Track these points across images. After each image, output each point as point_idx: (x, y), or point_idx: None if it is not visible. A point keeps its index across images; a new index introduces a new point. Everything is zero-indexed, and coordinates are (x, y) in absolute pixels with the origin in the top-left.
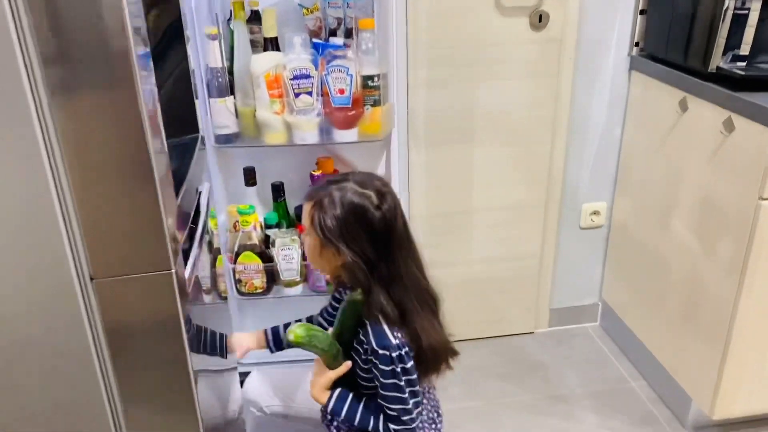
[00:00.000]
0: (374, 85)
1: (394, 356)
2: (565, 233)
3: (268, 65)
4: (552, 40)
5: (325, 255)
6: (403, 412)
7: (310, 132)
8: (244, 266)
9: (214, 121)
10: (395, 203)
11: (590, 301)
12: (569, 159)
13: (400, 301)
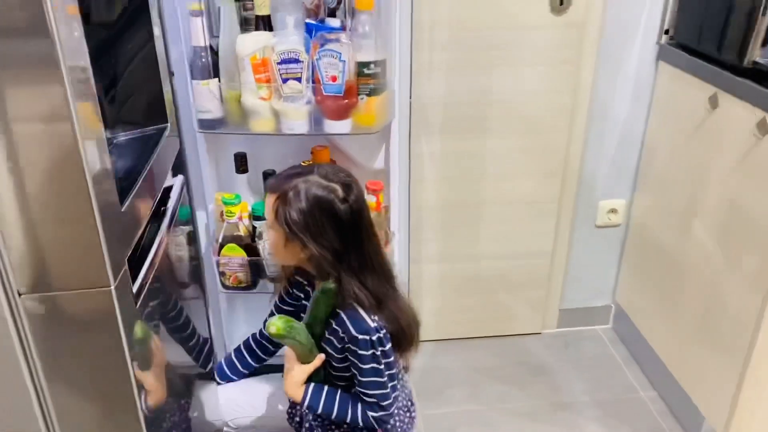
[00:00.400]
0: (370, 72)
1: (374, 339)
2: (579, 231)
3: (255, 47)
4: (573, 24)
5: (289, 248)
6: (382, 397)
7: (299, 121)
8: (228, 259)
9: (197, 105)
10: (361, 194)
11: (603, 302)
12: (587, 153)
13: (373, 287)
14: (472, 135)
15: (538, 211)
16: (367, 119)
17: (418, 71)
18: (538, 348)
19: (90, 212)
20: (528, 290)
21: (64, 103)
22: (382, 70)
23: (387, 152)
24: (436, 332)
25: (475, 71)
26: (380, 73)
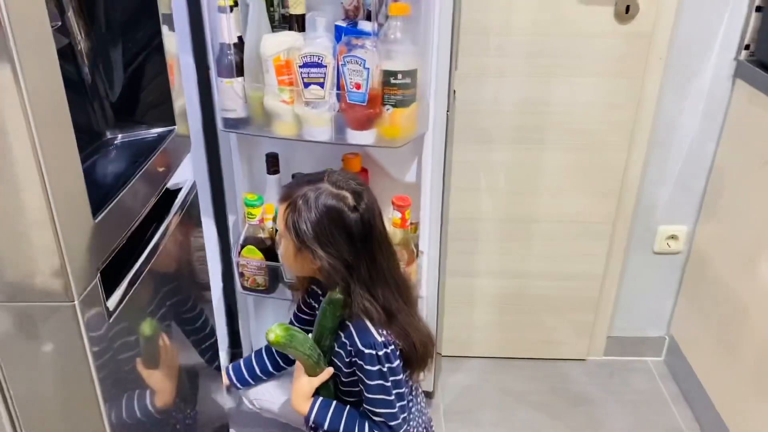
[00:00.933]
0: (398, 82)
1: (380, 355)
2: (634, 256)
3: (279, 47)
4: (640, 34)
5: (300, 258)
6: (390, 417)
7: (321, 128)
8: (246, 260)
9: (222, 103)
10: (373, 203)
11: (656, 333)
12: (648, 173)
13: (384, 301)
14: (524, 146)
15: (591, 232)
16: (392, 132)
17: (467, 76)
18: (580, 375)
19: (48, 223)
20: (574, 313)
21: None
22: (411, 81)
23: (419, 165)
24: (471, 349)
25: (529, 79)
26: (409, 84)
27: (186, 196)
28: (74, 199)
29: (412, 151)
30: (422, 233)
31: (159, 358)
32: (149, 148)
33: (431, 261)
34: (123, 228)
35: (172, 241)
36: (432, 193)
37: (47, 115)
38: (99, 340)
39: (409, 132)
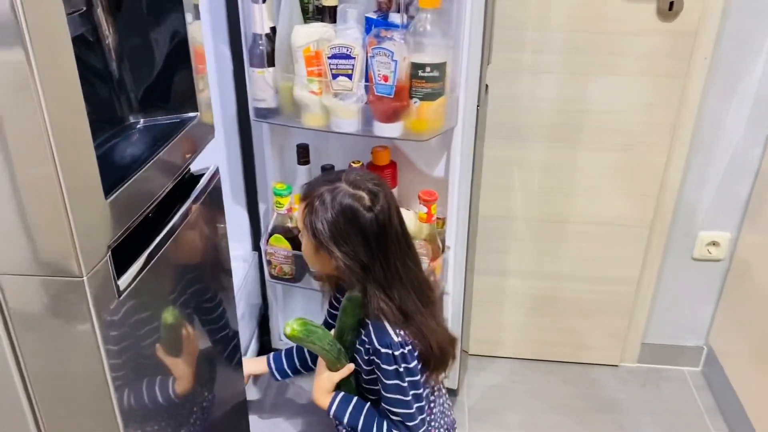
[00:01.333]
0: (426, 75)
1: (396, 355)
2: (672, 261)
3: (309, 38)
4: (684, 33)
5: (318, 257)
6: (407, 417)
7: (348, 119)
8: (274, 249)
9: (253, 93)
10: (389, 203)
11: (694, 342)
12: (688, 176)
13: (400, 302)
14: (560, 145)
15: (627, 235)
16: (418, 125)
17: (502, 71)
18: (611, 381)
19: (58, 198)
20: (607, 318)
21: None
22: (440, 74)
23: (448, 160)
24: (499, 349)
25: (566, 76)
26: (438, 77)
27: (208, 182)
28: (86, 177)
29: (442, 146)
30: (449, 229)
31: (173, 339)
32: (170, 133)
33: (458, 257)
34: (137, 209)
35: (192, 225)
36: (460, 188)
37: (59, 96)
38: (108, 317)
39: (436, 126)
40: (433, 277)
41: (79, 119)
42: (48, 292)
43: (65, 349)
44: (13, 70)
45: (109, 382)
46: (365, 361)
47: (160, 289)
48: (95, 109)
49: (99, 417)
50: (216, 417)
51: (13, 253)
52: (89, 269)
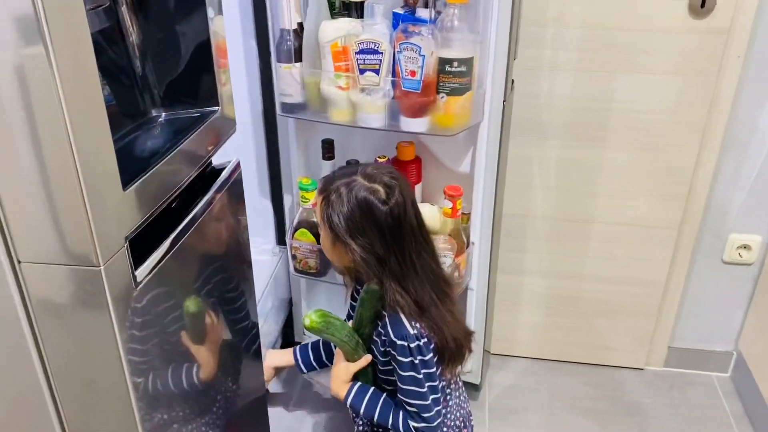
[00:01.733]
0: (453, 70)
1: (412, 347)
2: (701, 264)
3: (336, 34)
4: (716, 31)
5: (336, 250)
6: (423, 409)
7: (375, 114)
8: (299, 243)
9: (280, 88)
10: (404, 196)
11: (723, 347)
12: (719, 177)
13: (416, 295)
14: (585, 144)
15: (654, 237)
16: (445, 120)
17: (531, 68)
18: (636, 385)
19: (76, 188)
20: (633, 320)
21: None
22: (467, 69)
23: (473, 156)
24: (522, 349)
25: (594, 74)
26: (465, 72)
27: (229, 176)
28: (104, 169)
29: (467, 141)
30: (473, 224)
31: (191, 328)
32: (190, 127)
33: (482, 253)
34: (155, 201)
35: (212, 218)
36: (485, 183)
37: (78, 90)
38: (125, 306)
39: (463, 121)
40: (458, 273)
41: (97, 113)
42: (67, 280)
43: (83, 336)
44: (34, 65)
45: (126, 371)
46: (381, 352)
47: (178, 280)
48: (118, 102)
49: (116, 404)
50: (235, 407)
51: (34, 241)
52: (106, 259)
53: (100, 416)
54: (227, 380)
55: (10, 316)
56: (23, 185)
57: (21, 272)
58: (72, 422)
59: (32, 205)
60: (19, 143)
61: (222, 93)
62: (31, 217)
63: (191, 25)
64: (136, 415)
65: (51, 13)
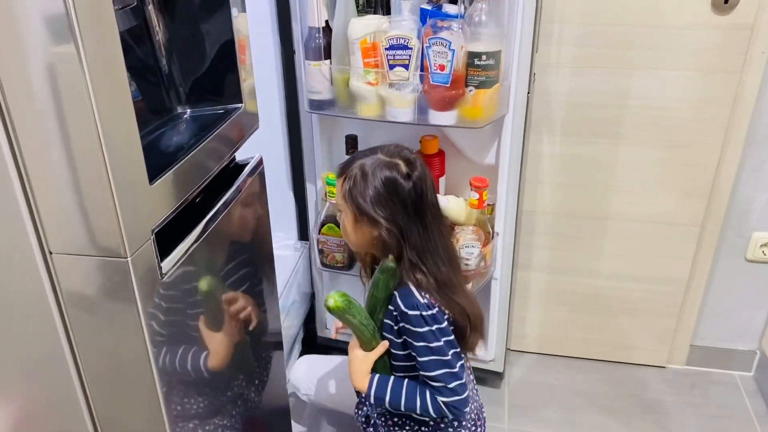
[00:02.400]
0: (481, 64)
1: (426, 316)
2: (724, 262)
3: (366, 30)
4: (740, 27)
5: (359, 229)
6: (450, 378)
7: (403, 109)
8: (326, 238)
9: (308, 85)
10: (425, 172)
11: (746, 346)
12: (743, 175)
13: (436, 270)
14: (604, 141)
15: (676, 234)
16: (473, 112)
17: (545, 65)
18: (657, 383)
19: (105, 182)
20: (655, 318)
21: (79, 78)
22: (495, 62)
23: (498, 148)
24: (542, 346)
25: (613, 71)
26: (493, 65)
27: (252, 171)
28: (131, 164)
29: (492, 133)
30: (498, 216)
31: (215, 322)
32: (215, 123)
33: (506, 244)
34: (181, 195)
35: (235, 212)
36: (510, 174)
37: (107, 88)
38: (151, 296)
39: (490, 113)
40: (484, 263)
41: (125, 110)
42: (96, 271)
43: (111, 325)
44: (65, 63)
45: (152, 360)
46: (395, 332)
47: (202, 271)
48: (144, 99)
49: (143, 391)
50: (258, 400)
51: (65, 233)
52: (133, 251)
53: (127, 402)
54: (250, 372)
55: (42, 305)
56: (55, 179)
57: (52, 263)
58: (100, 410)
59: (63, 198)
60: (50, 139)
61: (245, 90)
62: (61, 209)
63: (215, 24)
64: (162, 403)
65: (82, 13)
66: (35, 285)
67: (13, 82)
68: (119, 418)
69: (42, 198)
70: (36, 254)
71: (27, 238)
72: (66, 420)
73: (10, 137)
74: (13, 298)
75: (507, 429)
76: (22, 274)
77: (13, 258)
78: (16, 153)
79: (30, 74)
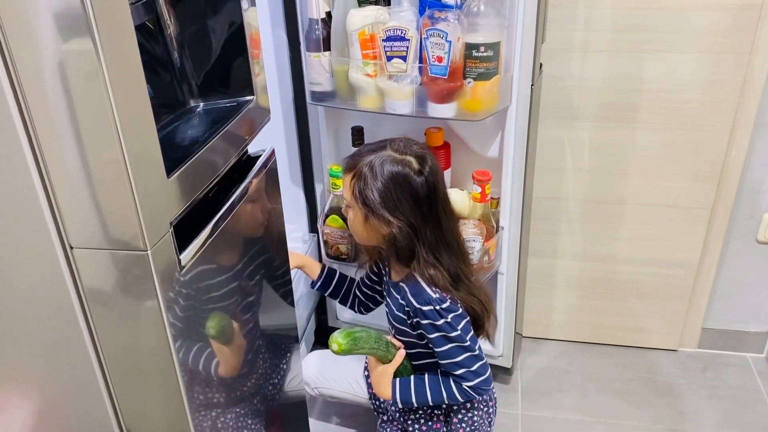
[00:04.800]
0: (480, 55)
1: (440, 309)
2: (735, 244)
3: (364, 21)
4: (748, 7)
5: (369, 226)
6: (472, 360)
7: (402, 101)
8: (330, 229)
9: (309, 77)
10: (435, 167)
11: (758, 328)
12: (753, 156)
13: (448, 265)
14: (615, 125)
15: (686, 217)
16: (473, 105)
17: (556, 51)
18: (669, 366)
19: (124, 176)
20: (666, 302)
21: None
22: (494, 54)
23: (502, 140)
24: (554, 331)
25: (622, 55)
26: (492, 56)
27: (264, 163)
28: (149, 158)
29: (495, 126)
30: (503, 209)
31: (234, 315)
32: (227, 116)
33: (512, 237)
34: (197, 187)
35: (249, 203)
36: (514, 167)
37: (124, 83)
38: (171, 288)
39: (490, 105)
40: (488, 257)
41: (142, 104)
42: (116, 265)
43: (132, 318)
44: (83, 59)
45: (173, 351)
46: (410, 326)
47: (220, 263)
48: (158, 93)
49: (165, 383)
50: (275, 393)
51: (85, 228)
52: (153, 243)
53: (149, 394)
54: (267, 364)
55: (63, 299)
56: (74, 174)
57: (73, 257)
58: (123, 402)
59: (83, 192)
60: (69, 135)
61: (256, 83)
62: (81, 204)
63: (226, 17)
64: (184, 393)
65: (98, 9)
66: (57, 280)
67: (31, 80)
68: (142, 410)
69: (62, 193)
70: (57, 249)
71: (48, 233)
72: (89, 412)
73: (30, 134)
74: (35, 293)
75: (521, 414)
76: (44, 270)
77: (34, 253)
78: (36, 149)
79: (48, 71)
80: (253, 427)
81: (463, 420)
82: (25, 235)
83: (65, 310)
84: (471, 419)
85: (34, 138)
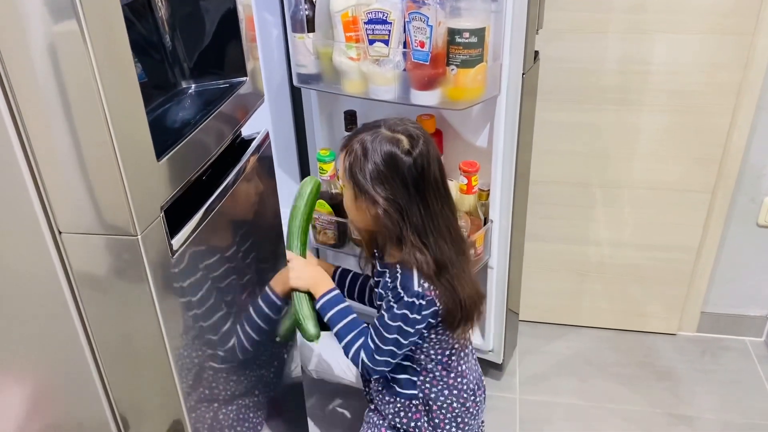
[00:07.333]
0: (463, 41)
1: (407, 300)
2: (735, 228)
3: (348, 3)
4: None
5: (359, 207)
6: (376, 349)
7: (385, 86)
8: (318, 214)
9: (295, 59)
10: (428, 147)
11: (757, 312)
12: (754, 139)
13: (435, 251)
14: (613, 108)
15: (686, 201)
16: (456, 93)
17: (555, 32)
18: (667, 350)
19: (113, 160)
20: (665, 286)
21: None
22: (478, 40)
23: (491, 131)
24: (553, 315)
25: (620, 36)
26: (476, 43)
27: (258, 146)
28: (138, 141)
29: (485, 115)
30: (493, 201)
31: (228, 300)
32: (220, 98)
33: (502, 230)
34: (189, 171)
35: (243, 187)
36: (504, 159)
37: (111, 65)
38: (162, 274)
39: (475, 94)
40: (474, 250)
41: (130, 86)
42: (106, 250)
43: (123, 304)
44: (68, 40)
45: (165, 338)
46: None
47: (213, 248)
48: (148, 74)
49: (156, 367)
50: (273, 384)
51: (74, 212)
52: (143, 228)
53: (142, 381)
54: (263, 349)
55: (53, 285)
56: (62, 158)
57: (62, 242)
58: (116, 390)
59: (71, 176)
60: (56, 117)
61: (249, 64)
62: (70, 188)
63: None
64: (177, 380)
65: None
66: (46, 265)
67: (16, 62)
68: (134, 396)
69: (50, 177)
70: (45, 234)
71: (36, 218)
72: (82, 400)
73: (15, 118)
74: (25, 279)
75: (518, 398)
76: (32, 255)
77: (22, 239)
78: (22, 133)
79: (33, 53)
80: (249, 413)
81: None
82: (13, 220)
83: (55, 297)
84: (450, 405)
85: (20, 121)
